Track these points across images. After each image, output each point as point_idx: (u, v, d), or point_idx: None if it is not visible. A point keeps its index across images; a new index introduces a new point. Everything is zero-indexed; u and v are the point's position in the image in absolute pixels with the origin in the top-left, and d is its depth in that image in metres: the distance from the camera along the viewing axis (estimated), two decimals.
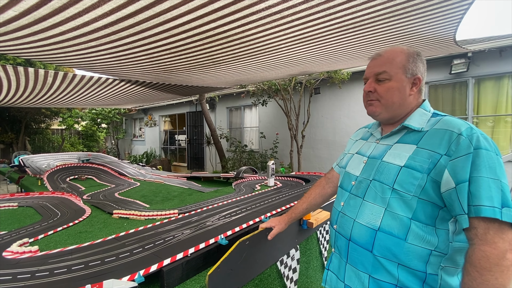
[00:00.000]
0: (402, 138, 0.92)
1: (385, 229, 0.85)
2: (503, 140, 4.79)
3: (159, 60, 2.43)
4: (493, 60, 4.68)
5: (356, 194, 0.96)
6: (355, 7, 1.71)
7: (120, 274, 0.98)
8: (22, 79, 2.84)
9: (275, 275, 1.47)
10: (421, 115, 0.92)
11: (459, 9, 1.86)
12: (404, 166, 0.85)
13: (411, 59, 0.92)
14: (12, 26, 1.60)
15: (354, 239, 0.93)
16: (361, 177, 0.97)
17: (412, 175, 0.82)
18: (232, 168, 7.43)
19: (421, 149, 0.84)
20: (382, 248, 0.86)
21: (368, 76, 0.98)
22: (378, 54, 0.97)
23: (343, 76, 5.73)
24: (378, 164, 0.92)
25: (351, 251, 0.94)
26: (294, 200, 2.09)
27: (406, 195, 0.83)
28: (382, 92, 0.93)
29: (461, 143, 0.78)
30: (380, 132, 1.04)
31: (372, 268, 0.88)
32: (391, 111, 0.94)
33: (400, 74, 0.91)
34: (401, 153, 0.88)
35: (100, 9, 1.46)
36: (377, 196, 0.89)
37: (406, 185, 0.83)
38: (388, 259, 0.85)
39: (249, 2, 1.53)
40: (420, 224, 0.82)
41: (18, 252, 1.25)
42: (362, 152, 1.04)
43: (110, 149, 13.93)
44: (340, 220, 1.00)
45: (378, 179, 0.90)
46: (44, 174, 3.50)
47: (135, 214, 1.85)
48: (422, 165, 0.82)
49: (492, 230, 0.69)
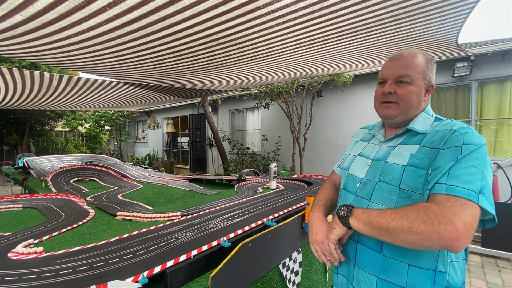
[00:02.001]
0: (405, 140, 0.93)
1: None
2: (507, 143, 4.76)
3: (162, 63, 2.45)
4: (496, 63, 4.67)
5: (362, 196, 0.96)
6: (358, 11, 1.72)
7: (124, 275, 1.00)
8: (28, 81, 2.88)
9: (277, 278, 1.48)
10: (425, 119, 0.93)
11: (461, 12, 1.87)
12: (408, 165, 0.85)
13: (429, 65, 0.93)
14: (19, 30, 1.63)
15: (362, 241, 0.93)
16: (366, 179, 0.96)
17: (417, 173, 0.83)
18: (234, 171, 7.44)
19: (422, 147, 0.86)
20: (391, 248, 0.85)
21: (388, 77, 0.95)
22: (401, 55, 0.94)
23: (346, 79, 5.73)
24: (382, 165, 0.92)
25: (359, 253, 0.94)
26: (296, 203, 2.09)
27: (414, 194, 0.82)
28: (403, 95, 0.92)
29: (453, 136, 0.81)
30: (383, 134, 1.04)
31: (381, 269, 0.87)
32: (407, 115, 0.94)
33: (421, 79, 0.92)
34: (403, 152, 0.89)
35: (106, 14, 1.49)
36: (384, 197, 0.88)
37: (412, 183, 0.83)
38: (397, 260, 0.84)
39: (252, 7, 1.55)
40: None
41: (24, 253, 1.26)
42: (366, 155, 1.04)
43: (113, 151, 14.01)
44: None
45: (383, 180, 0.90)
46: (48, 176, 3.53)
47: (138, 216, 1.86)
48: (423, 161, 0.83)
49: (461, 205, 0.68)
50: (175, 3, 1.44)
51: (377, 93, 0.99)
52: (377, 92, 0.99)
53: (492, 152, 4.91)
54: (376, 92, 1.00)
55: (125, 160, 12.59)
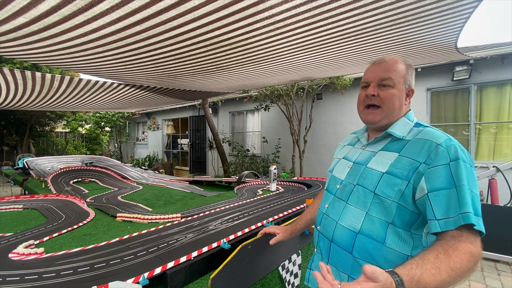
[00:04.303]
0: (386, 146, 0.96)
1: (365, 232, 0.88)
2: (506, 147, 4.77)
3: (164, 65, 2.47)
4: (495, 67, 4.69)
5: (340, 198, 0.99)
6: (357, 15, 1.74)
7: (125, 276, 1.00)
8: (29, 83, 2.89)
9: (277, 280, 1.48)
10: (404, 124, 0.96)
11: (461, 17, 1.89)
12: (386, 173, 0.88)
13: (409, 71, 0.97)
14: (22, 32, 1.64)
15: (335, 241, 0.96)
16: (346, 181, 1.00)
17: (392, 181, 0.86)
18: (234, 173, 7.44)
19: (402, 157, 0.88)
20: (361, 250, 0.88)
21: (370, 80, 0.98)
22: (383, 59, 0.98)
23: (345, 82, 5.76)
24: (362, 170, 0.96)
25: (332, 251, 0.97)
26: (296, 205, 2.10)
27: (386, 200, 0.85)
28: (386, 97, 0.94)
29: (439, 152, 0.82)
30: (367, 137, 1.07)
31: (351, 268, 0.91)
32: (390, 118, 0.96)
33: (402, 83, 0.95)
34: (384, 160, 0.92)
35: (108, 17, 1.50)
36: (360, 200, 0.92)
37: (386, 190, 0.86)
38: (366, 261, 0.87)
39: (253, 11, 1.56)
40: (398, 229, 0.85)
41: (24, 254, 1.27)
42: (348, 157, 1.07)
43: (113, 152, 14.01)
44: (324, 222, 1.03)
45: (361, 184, 0.93)
46: (48, 177, 3.53)
47: (139, 217, 1.87)
48: (402, 172, 0.85)
49: (473, 234, 0.75)
50: (177, 7, 1.46)
51: (361, 96, 1.01)
52: (360, 95, 1.01)
53: (491, 155, 4.92)
54: (360, 96, 1.02)
55: (125, 161, 12.59)
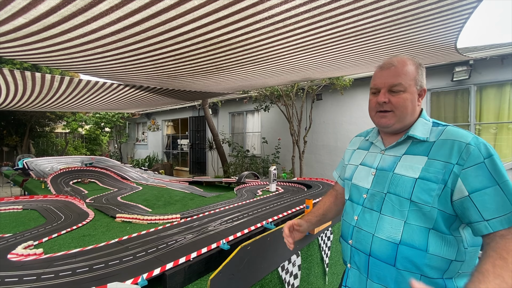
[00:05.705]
0: (409, 149, 0.93)
1: (406, 242, 0.85)
2: (506, 147, 4.77)
3: (163, 66, 2.47)
4: (494, 67, 4.69)
5: (371, 208, 0.95)
6: (357, 16, 1.74)
7: (123, 277, 1.00)
8: (29, 83, 2.90)
9: (276, 281, 1.48)
10: (423, 125, 0.94)
11: (460, 17, 1.89)
12: (419, 178, 0.85)
13: (419, 71, 0.94)
14: (21, 33, 1.64)
15: (374, 254, 0.91)
16: (374, 190, 0.95)
17: (428, 186, 0.83)
18: (234, 173, 7.44)
19: (433, 160, 0.85)
20: (404, 261, 0.85)
21: (380, 86, 0.95)
22: (391, 64, 0.94)
23: (345, 83, 5.76)
24: (390, 176, 0.92)
25: (371, 266, 0.92)
26: (296, 205, 2.10)
27: (425, 207, 0.83)
28: (398, 103, 0.92)
29: (471, 152, 0.80)
30: (382, 141, 1.03)
31: (395, 283, 0.87)
32: (403, 122, 0.94)
33: (413, 86, 0.92)
34: (413, 165, 0.88)
35: (108, 18, 1.51)
36: (395, 209, 0.88)
37: (423, 196, 0.83)
38: (410, 272, 0.84)
39: (253, 12, 1.56)
40: (440, 233, 0.83)
41: (23, 255, 1.26)
42: (368, 163, 1.02)
43: (113, 153, 14.00)
44: (357, 235, 0.97)
45: (393, 192, 0.89)
46: (48, 177, 3.53)
47: (138, 218, 1.86)
48: (437, 176, 0.83)
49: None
50: (177, 7, 1.46)
51: (371, 102, 0.99)
52: (371, 101, 0.99)
53: None
54: (371, 102, 0.99)
55: (125, 162, 12.59)
